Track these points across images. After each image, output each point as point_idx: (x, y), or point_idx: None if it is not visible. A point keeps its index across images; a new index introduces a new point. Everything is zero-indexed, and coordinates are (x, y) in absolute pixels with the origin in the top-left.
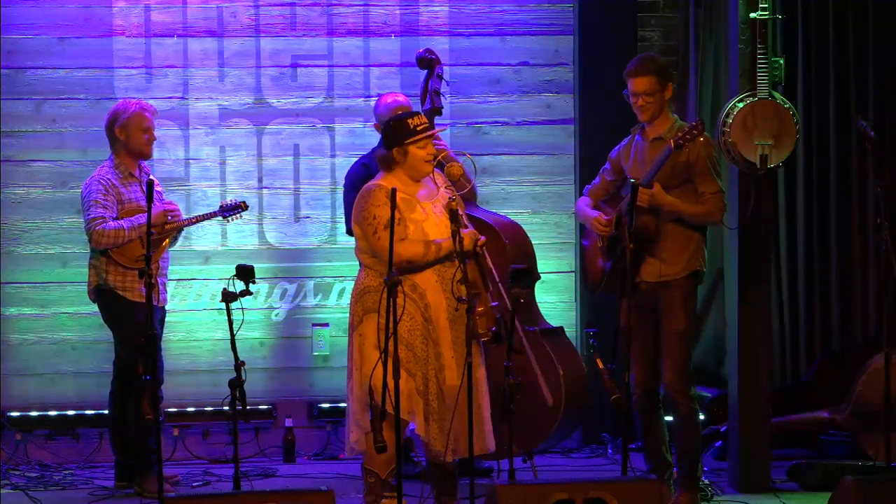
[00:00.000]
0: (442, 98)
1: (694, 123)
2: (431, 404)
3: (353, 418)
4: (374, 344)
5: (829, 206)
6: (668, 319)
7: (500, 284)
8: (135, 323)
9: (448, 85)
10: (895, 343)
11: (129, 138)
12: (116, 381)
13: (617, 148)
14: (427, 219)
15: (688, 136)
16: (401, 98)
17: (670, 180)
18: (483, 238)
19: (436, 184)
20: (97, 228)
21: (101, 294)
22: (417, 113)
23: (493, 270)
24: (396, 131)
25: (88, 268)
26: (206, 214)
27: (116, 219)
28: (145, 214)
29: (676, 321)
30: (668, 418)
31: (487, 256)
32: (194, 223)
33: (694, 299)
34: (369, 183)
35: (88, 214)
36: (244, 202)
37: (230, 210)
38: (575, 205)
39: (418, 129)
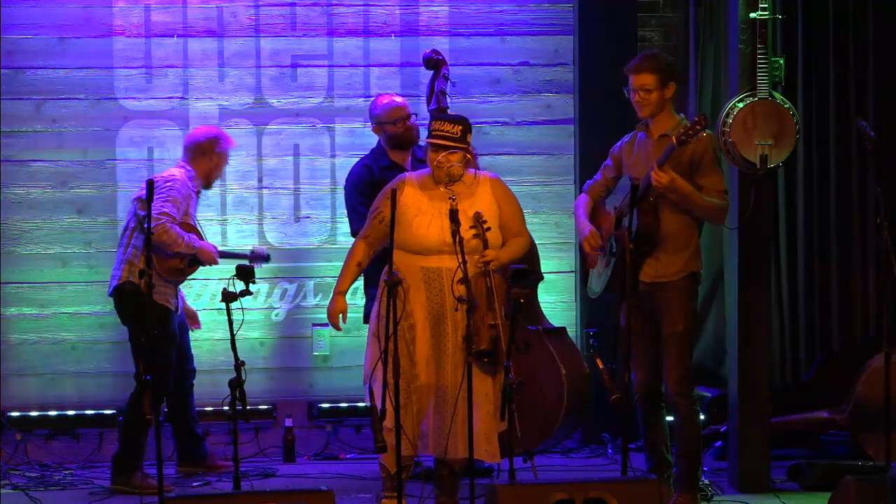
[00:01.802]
0: (448, 98)
1: (697, 119)
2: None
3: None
4: (373, 332)
5: (829, 206)
6: (666, 322)
7: (497, 305)
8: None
9: (453, 85)
10: (895, 343)
11: (216, 167)
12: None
13: (619, 143)
14: (419, 216)
15: (691, 132)
16: (399, 99)
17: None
18: (488, 256)
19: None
20: (167, 224)
21: (127, 292)
22: (455, 121)
23: (496, 293)
24: (428, 128)
25: (121, 263)
26: (236, 254)
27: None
28: (202, 242)
29: (675, 323)
30: (669, 418)
31: (492, 277)
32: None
33: (693, 301)
34: (404, 173)
35: (163, 207)
36: (269, 255)
37: (257, 259)
38: (577, 201)
39: (433, 132)
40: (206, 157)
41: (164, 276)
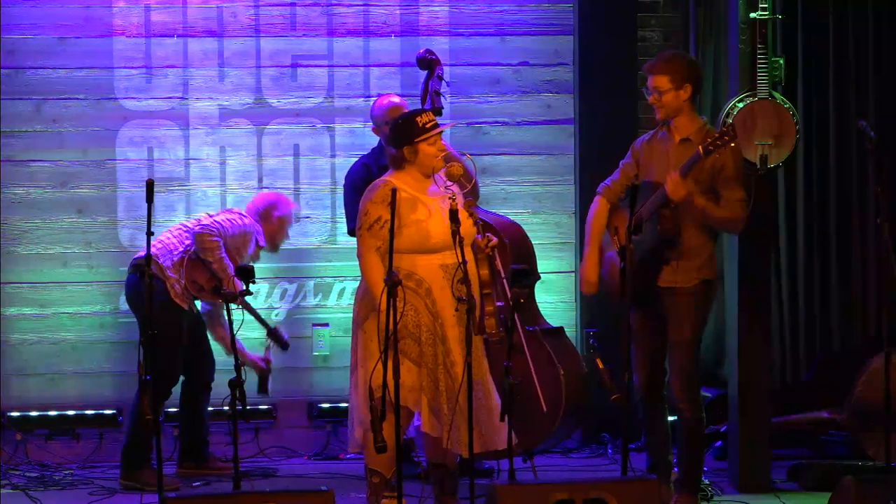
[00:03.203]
0: (442, 98)
1: (724, 129)
2: (439, 400)
3: (355, 414)
4: (377, 341)
5: (829, 206)
6: (674, 328)
7: (505, 284)
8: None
9: (448, 85)
10: (895, 343)
11: (278, 230)
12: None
13: (640, 140)
14: (430, 217)
15: (718, 143)
16: (396, 100)
17: (695, 185)
18: (495, 240)
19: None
20: (212, 238)
21: (141, 273)
22: (424, 110)
23: (502, 272)
24: (405, 130)
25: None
26: (258, 317)
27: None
28: (238, 282)
29: (682, 330)
30: (672, 418)
31: (498, 258)
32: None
33: (703, 308)
34: (378, 179)
35: (220, 223)
36: (288, 344)
37: (276, 338)
38: (590, 208)
39: (427, 126)
40: (267, 221)
41: (185, 281)
